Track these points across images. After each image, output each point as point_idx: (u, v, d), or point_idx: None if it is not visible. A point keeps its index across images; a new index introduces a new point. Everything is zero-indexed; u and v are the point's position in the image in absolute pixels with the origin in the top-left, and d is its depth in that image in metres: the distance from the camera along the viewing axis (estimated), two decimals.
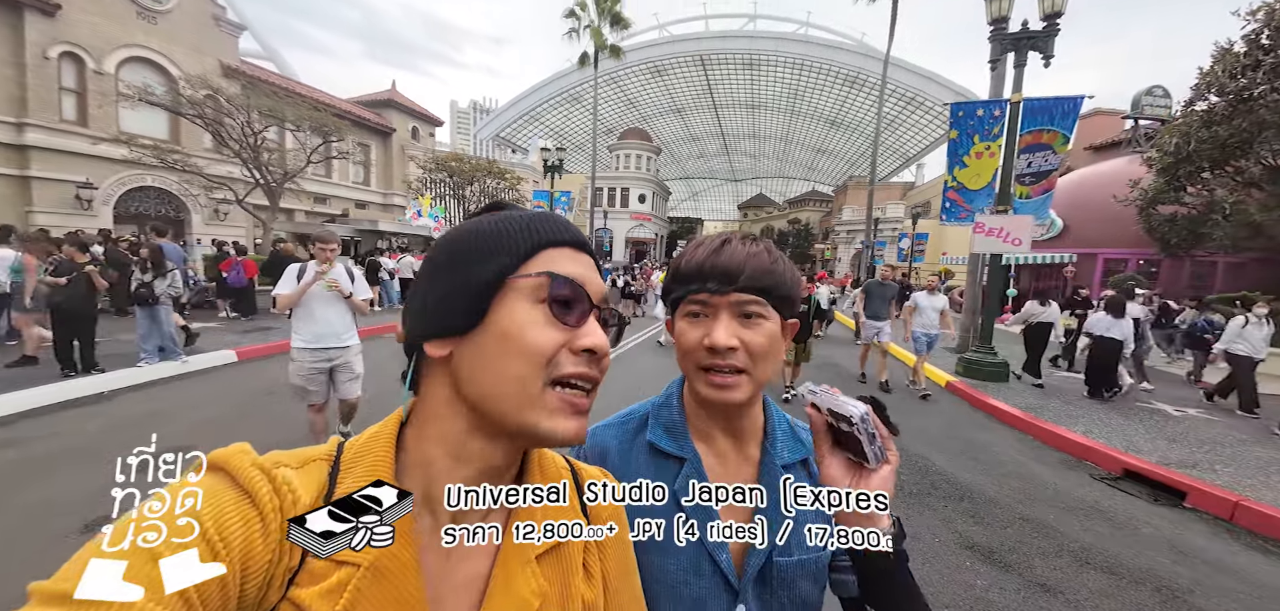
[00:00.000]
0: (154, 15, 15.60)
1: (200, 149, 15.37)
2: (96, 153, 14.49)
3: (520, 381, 0.45)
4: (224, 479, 0.41)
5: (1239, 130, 10.28)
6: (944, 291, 7.30)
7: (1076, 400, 6.72)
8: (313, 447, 0.48)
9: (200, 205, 16.72)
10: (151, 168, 14.55)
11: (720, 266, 0.67)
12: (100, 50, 14.67)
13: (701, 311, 0.69)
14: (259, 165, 13.26)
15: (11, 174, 13.76)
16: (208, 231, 16.60)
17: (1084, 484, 4.29)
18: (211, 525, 0.37)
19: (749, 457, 0.74)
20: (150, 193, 16.06)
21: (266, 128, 13.74)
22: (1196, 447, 5.06)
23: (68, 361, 5.68)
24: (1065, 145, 7.38)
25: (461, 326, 0.47)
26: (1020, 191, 7.61)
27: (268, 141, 14.08)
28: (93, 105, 14.66)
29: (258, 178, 13.38)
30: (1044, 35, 7.31)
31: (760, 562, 0.68)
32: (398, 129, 24.65)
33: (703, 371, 0.68)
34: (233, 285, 9.45)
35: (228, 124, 12.82)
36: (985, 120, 7.62)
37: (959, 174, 7.93)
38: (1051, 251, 18.50)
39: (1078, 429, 5.38)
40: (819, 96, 40.00)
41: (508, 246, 0.48)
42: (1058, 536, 3.34)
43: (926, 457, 4.51)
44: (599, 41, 22.54)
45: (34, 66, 13.72)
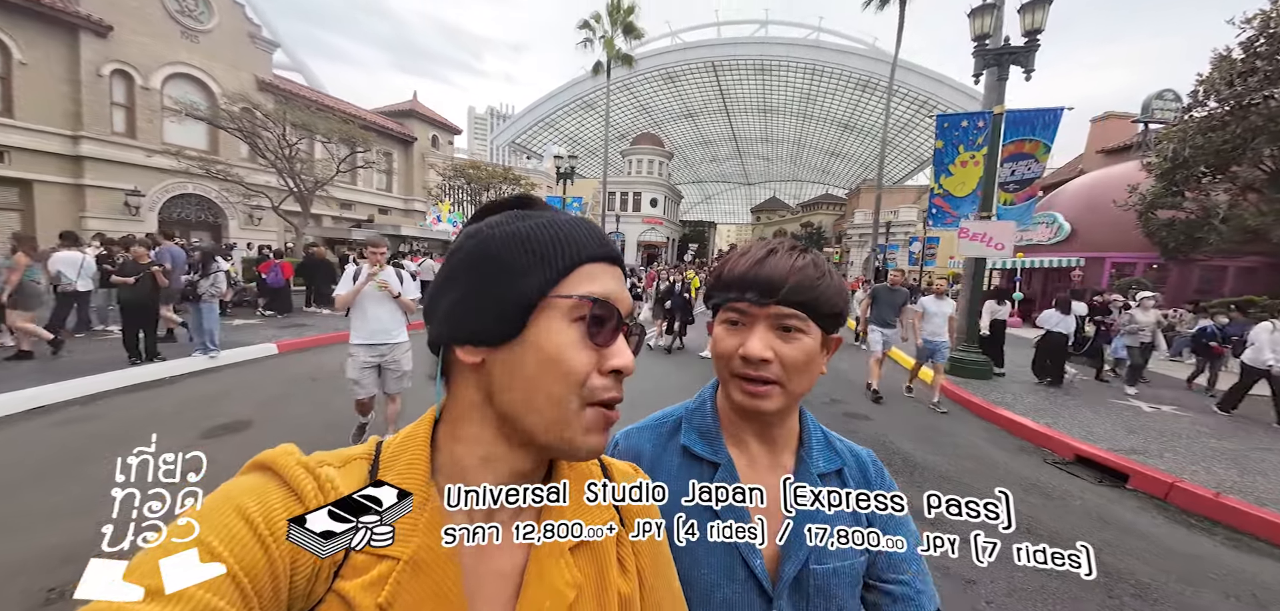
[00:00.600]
0: (196, 34, 16.71)
1: (237, 158, 16.46)
2: (145, 163, 15.62)
3: (556, 401, 0.46)
4: (271, 476, 0.43)
5: (1234, 136, 10.47)
6: (952, 295, 7.62)
7: (1053, 395, 7.09)
8: (353, 448, 0.51)
9: (236, 211, 17.81)
10: (193, 176, 15.62)
11: (762, 278, 0.68)
12: (148, 67, 15.79)
13: (739, 320, 0.70)
14: (293, 174, 14.18)
15: (68, 182, 14.92)
16: (242, 235, 17.69)
17: (1034, 466, 4.72)
18: (261, 521, 0.40)
19: (783, 465, 0.74)
20: (191, 199, 17.16)
21: (300, 140, 14.71)
22: (1153, 438, 5.43)
23: (134, 350, 6.46)
24: (1047, 154, 7.76)
25: (497, 338, 0.48)
26: (1004, 198, 8.00)
27: (300, 152, 15.02)
28: (141, 119, 15.79)
29: (292, 186, 14.32)
30: (1025, 51, 7.70)
31: (796, 570, 0.67)
32: (418, 137, 25.66)
33: (736, 378, 0.70)
34: (271, 285, 10.28)
35: (265, 137, 13.77)
36: (970, 131, 8.03)
37: (945, 182, 8.35)
38: (1060, 255, 18.53)
39: (1042, 420, 5.78)
40: (831, 101, 40.15)
41: (547, 260, 0.48)
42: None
43: (890, 439, 4.99)
44: (611, 51, 23.23)
45: (88, 83, 14.85)
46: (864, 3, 20.94)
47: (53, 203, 14.61)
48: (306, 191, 14.68)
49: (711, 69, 38.95)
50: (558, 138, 42.35)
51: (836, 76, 36.52)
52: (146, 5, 15.62)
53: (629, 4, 22.74)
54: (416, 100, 26.14)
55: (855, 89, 37.15)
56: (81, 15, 14.43)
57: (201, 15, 16.84)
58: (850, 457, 0.78)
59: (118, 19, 15.00)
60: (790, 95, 41.07)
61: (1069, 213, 18.66)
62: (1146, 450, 5.00)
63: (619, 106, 40.32)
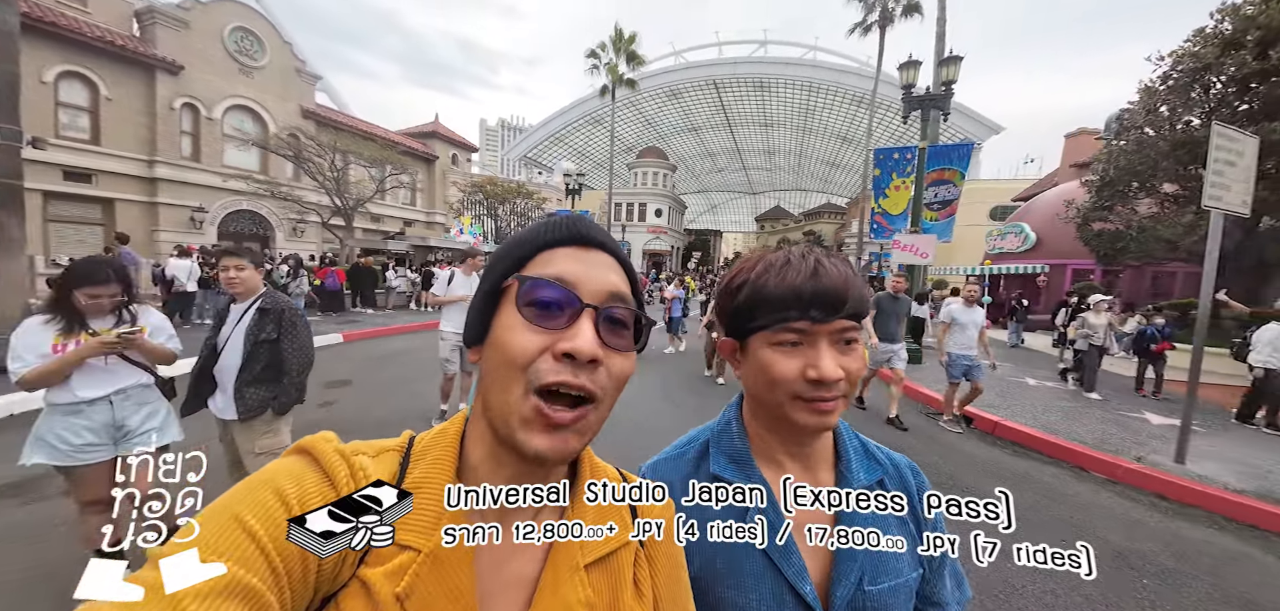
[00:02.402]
0: (251, 70, 19.05)
1: (283, 178, 18.73)
2: (207, 183, 17.95)
3: (503, 389, 0.47)
4: (309, 461, 0.46)
5: (1148, 160, 12.17)
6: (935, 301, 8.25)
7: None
8: (387, 440, 0.52)
9: (282, 224, 20.07)
10: (252, 194, 17.92)
11: (822, 292, 0.64)
12: (211, 100, 18.12)
13: (799, 340, 0.65)
14: (340, 193, 16.37)
15: (144, 200, 17.24)
16: (286, 246, 19.92)
17: (911, 416, 6.50)
18: (296, 501, 0.42)
19: (822, 482, 0.72)
20: (245, 215, 19.43)
21: (347, 164, 16.95)
22: (1011, 400, 7.18)
23: None
24: (962, 180, 9.56)
25: (478, 335, 0.51)
26: (928, 216, 9.79)
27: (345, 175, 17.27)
28: (204, 145, 18.11)
29: (337, 204, 16.49)
30: (943, 98, 9.53)
31: (849, 594, 0.64)
32: (440, 156, 27.93)
33: (798, 400, 0.65)
34: (328, 288, 12.36)
35: (317, 162, 16.01)
36: (901, 162, 9.87)
37: (882, 203, 10.18)
38: (1026, 263, 20.16)
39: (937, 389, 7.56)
40: (829, 115, 41.92)
41: (515, 251, 0.50)
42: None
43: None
44: (615, 77, 25.33)
45: (162, 115, 17.18)
46: (848, 31, 22.85)
47: (131, 218, 16.91)
48: (350, 207, 16.84)
49: (713, 86, 40.96)
50: (568, 152, 44.61)
51: (833, 92, 38.35)
52: (211, 47, 17.99)
53: (631, 34, 24.87)
54: (438, 122, 28.45)
55: (851, 104, 38.89)
56: (158, 57, 16.79)
57: (255, 53, 19.18)
58: (890, 466, 0.76)
59: (187, 59, 17.36)
60: (790, 110, 42.91)
61: (1036, 223, 20.31)
62: (996, 405, 6.76)
63: (625, 121, 42.47)
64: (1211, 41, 11.40)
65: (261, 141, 18.04)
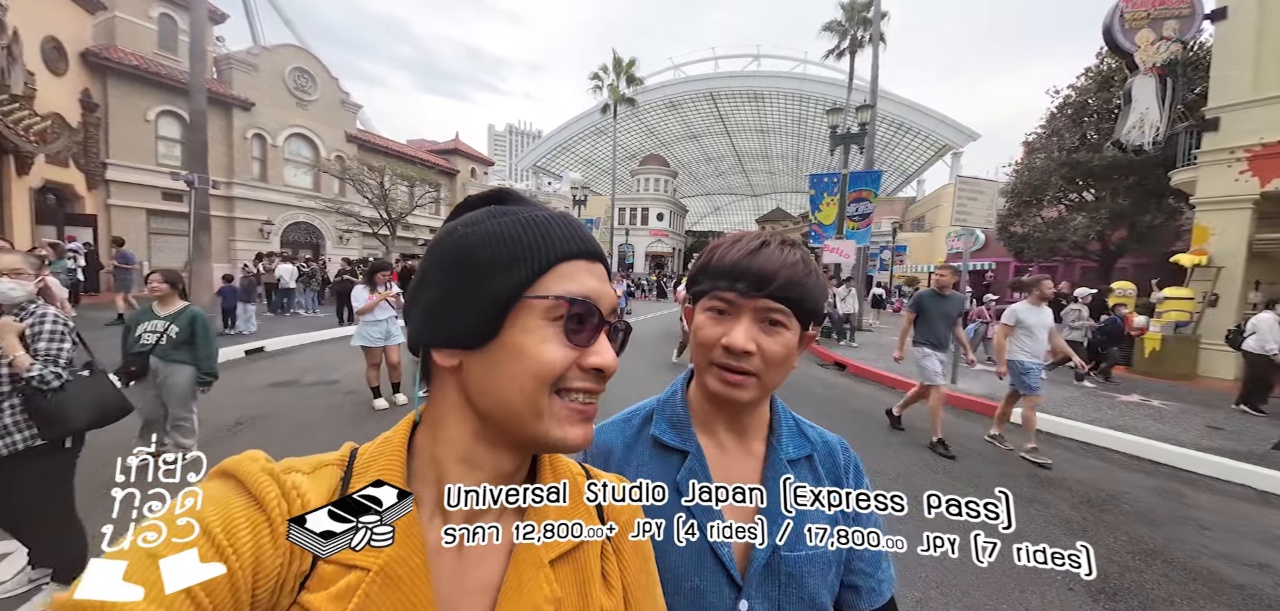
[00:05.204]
0: (306, 103, 22.45)
1: (330, 194, 22.11)
2: (272, 199, 21.38)
3: (529, 395, 0.46)
4: (234, 485, 0.42)
5: (1041, 176, 15.02)
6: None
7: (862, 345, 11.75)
8: (326, 453, 0.50)
9: (331, 233, 23.44)
10: (304, 208, 21.30)
11: (753, 269, 0.68)
12: (275, 130, 21.50)
13: (725, 309, 0.70)
14: (387, 207, 19.70)
15: (223, 216, 20.67)
16: (335, 252, 23.27)
17: (805, 366, 9.44)
18: (220, 531, 0.38)
19: (753, 453, 0.75)
20: (301, 226, 22.84)
21: (394, 184, 20.33)
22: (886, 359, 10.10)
23: (341, 319, 11.67)
24: (876, 198, 12.46)
25: (473, 341, 0.47)
26: (851, 225, 12.74)
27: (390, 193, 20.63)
28: (269, 167, 21.51)
29: (385, 216, 19.81)
30: (860, 135, 12.48)
31: (765, 557, 0.67)
32: (460, 170, 31.26)
33: (714, 366, 0.70)
34: None
35: (369, 183, 19.38)
36: (829, 185, 12.83)
37: (817, 216, 13.14)
38: (977, 260, 22.92)
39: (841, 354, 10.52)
40: (820, 123, 44.53)
41: (524, 259, 0.47)
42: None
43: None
44: (616, 96, 28.47)
45: (237, 144, 20.59)
46: (824, 55, 25.76)
47: (213, 231, 20.32)
48: (394, 219, 20.16)
49: (710, 98, 43.90)
50: (574, 160, 47.84)
51: (823, 103, 41.12)
52: (275, 86, 21.39)
53: (630, 60, 28.01)
54: (459, 139, 31.77)
55: (838, 114, 41.60)
56: (234, 95, 20.20)
57: (309, 89, 22.57)
58: (820, 443, 0.79)
59: (257, 96, 20.76)
60: (783, 118, 45.67)
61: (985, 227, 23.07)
62: (873, 361, 9.68)
63: (628, 131, 45.53)
64: (1093, 78, 14.30)
65: (325, 167, 21.58)
